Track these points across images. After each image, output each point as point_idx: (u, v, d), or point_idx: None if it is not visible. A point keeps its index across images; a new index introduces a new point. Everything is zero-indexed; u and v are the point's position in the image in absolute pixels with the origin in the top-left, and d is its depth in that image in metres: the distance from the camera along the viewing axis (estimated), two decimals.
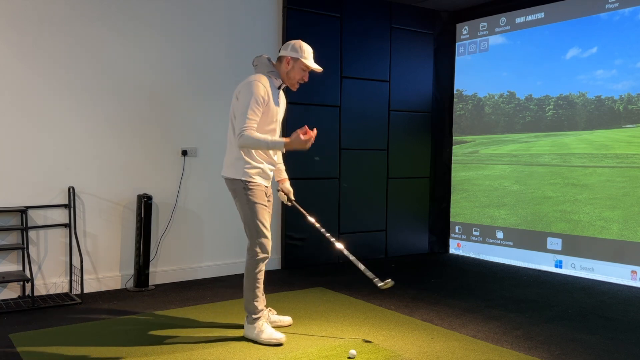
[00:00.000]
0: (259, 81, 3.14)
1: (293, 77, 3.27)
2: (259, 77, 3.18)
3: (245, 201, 3.23)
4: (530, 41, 5.70)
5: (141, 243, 4.54)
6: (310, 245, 5.51)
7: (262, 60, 3.29)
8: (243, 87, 3.17)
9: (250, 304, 3.29)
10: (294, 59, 3.23)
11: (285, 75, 3.28)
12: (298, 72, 3.26)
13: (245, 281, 3.31)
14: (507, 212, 5.87)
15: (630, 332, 3.59)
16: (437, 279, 5.10)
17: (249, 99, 3.08)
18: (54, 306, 4.00)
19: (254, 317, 3.30)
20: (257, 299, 3.29)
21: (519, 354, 3.16)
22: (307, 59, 3.24)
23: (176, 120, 4.84)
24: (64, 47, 4.29)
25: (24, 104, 4.16)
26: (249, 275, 3.29)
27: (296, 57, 3.23)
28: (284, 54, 3.26)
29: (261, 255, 3.27)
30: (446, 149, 6.50)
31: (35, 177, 4.22)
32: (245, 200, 3.23)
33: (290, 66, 3.24)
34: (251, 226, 3.26)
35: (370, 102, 5.90)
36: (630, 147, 4.96)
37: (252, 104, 3.08)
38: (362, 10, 5.78)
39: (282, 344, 3.25)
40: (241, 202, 3.25)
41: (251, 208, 3.23)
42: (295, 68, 3.24)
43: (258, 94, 3.10)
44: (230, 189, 3.31)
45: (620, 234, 4.94)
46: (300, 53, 3.23)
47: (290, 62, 3.24)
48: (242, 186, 3.23)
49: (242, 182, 3.22)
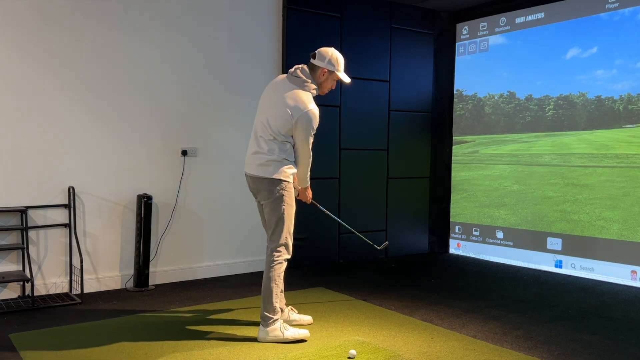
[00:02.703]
0: (316, 111, 3.30)
1: (325, 87, 3.45)
2: (313, 104, 3.32)
3: (283, 201, 3.31)
4: (530, 41, 5.70)
5: (141, 243, 4.54)
6: (310, 245, 5.51)
7: (304, 72, 3.37)
8: (302, 114, 3.26)
9: (270, 305, 3.30)
10: (330, 72, 3.39)
11: (317, 84, 3.41)
12: (330, 82, 3.44)
13: (269, 282, 3.32)
14: (507, 212, 5.87)
15: (630, 332, 3.59)
16: (437, 279, 5.10)
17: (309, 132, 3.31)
18: (54, 306, 4.00)
19: (274, 319, 3.30)
20: (277, 299, 3.32)
21: (519, 354, 3.16)
22: (341, 72, 3.41)
23: (176, 120, 4.84)
24: (64, 47, 4.29)
25: (24, 104, 4.16)
26: (273, 275, 3.32)
27: (332, 70, 3.38)
28: (321, 65, 3.36)
29: (287, 255, 3.37)
30: (446, 149, 6.50)
31: (35, 177, 4.22)
32: (282, 200, 3.31)
33: (325, 77, 3.40)
34: (282, 227, 3.33)
35: (370, 102, 5.89)
36: (630, 147, 4.96)
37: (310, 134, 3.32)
38: (362, 10, 5.78)
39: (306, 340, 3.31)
40: (277, 202, 3.31)
41: (287, 209, 3.33)
42: (329, 79, 3.42)
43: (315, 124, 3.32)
44: (264, 189, 3.33)
45: (620, 234, 4.94)
46: (336, 67, 3.39)
47: (325, 74, 3.39)
48: (282, 187, 3.30)
49: (281, 183, 3.30)
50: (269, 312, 3.30)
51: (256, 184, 3.37)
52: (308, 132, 3.29)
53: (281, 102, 3.28)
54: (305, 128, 3.27)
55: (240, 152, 5.08)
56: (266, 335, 3.29)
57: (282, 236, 3.32)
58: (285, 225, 3.32)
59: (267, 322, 3.30)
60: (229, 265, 5.14)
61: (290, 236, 3.36)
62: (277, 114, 3.28)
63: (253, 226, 5.19)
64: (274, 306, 3.30)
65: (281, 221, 3.31)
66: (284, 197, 3.30)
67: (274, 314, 3.30)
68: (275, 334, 3.28)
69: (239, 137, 5.12)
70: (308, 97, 3.32)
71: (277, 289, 3.32)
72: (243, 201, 5.09)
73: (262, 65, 5.27)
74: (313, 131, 3.32)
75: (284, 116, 3.26)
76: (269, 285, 3.31)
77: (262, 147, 3.32)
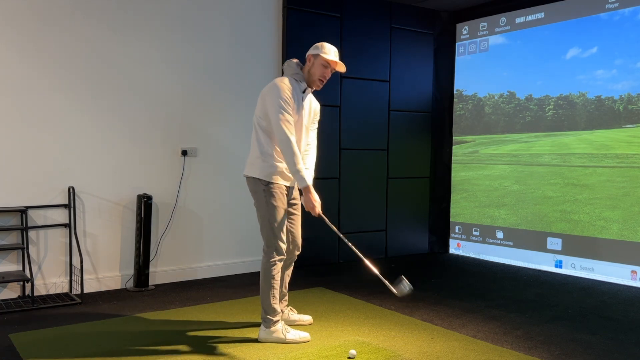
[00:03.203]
0: (282, 82, 3.18)
1: (314, 74, 3.27)
2: (282, 79, 3.22)
3: (264, 202, 3.22)
4: (530, 41, 5.70)
5: (141, 243, 4.54)
6: (311, 245, 5.50)
7: (290, 64, 3.32)
8: (268, 90, 3.19)
9: (268, 306, 3.29)
10: (314, 55, 3.27)
11: (307, 74, 3.30)
12: (318, 68, 3.26)
13: (262, 282, 3.31)
14: (507, 212, 5.87)
15: (630, 332, 3.59)
16: (437, 279, 5.10)
17: (278, 104, 3.11)
18: (54, 306, 4.00)
19: (273, 320, 3.29)
20: (274, 300, 3.29)
21: (519, 354, 3.16)
22: (326, 54, 3.25)
23: (176, 120, 4.84)
24: (64, 47, 4.29)
25: (24, 104, 4.16)
26: (265, 276, 3.29)
27: (316, 54, 3.26)
28: (307, 54, 3.31)
29: (276, 257, 3.27)
30: (446, 149, 6.50)
31: (35, 177, 4.22)
32: (263, 201, 3.22)
33: (311, 63, 3.28)
34: (267, 228, 3.24)
35: (370, 102, 5.90)
36: (630, 147, 4.96)
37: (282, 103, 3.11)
38: (362, 10, 5.78)
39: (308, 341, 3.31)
40: (259, 202, 3.24)
41: (269, 210, 3.22)
42: (316, 64, 3.26)
43: (283, 94, 3.13)
44: (250, 189, 3.30)
45: (620, 234, 4.94)
46: (321, 49, 3.26)
47: (311, 59, 3.29)
48: (262, 187, 3.21)
49: (261, 182, 3.21)
50: (269, 314, 3.30)
51: (247, 183, 3.34)
52: (277, 104, 3.10)
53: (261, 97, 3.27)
54: (272, 99, 3.11)
55: (241, 152, 5.08)
56: (267, 336, 3.29)
57: (268, 237, 3.26)
58: (269, 227, 3.23)
59: (267, 323, 3.30)
60: (229, 265, 5.14)
61: (276, 237, 3.24)
62: (258, 110, 3.26)
63: (253, 226, 5.18)
64: (272, 307, 3.29)
65: (265, 222, 3.24)
66: (265, 198, 3.21)
67: (273, 315, 3.30)
68: (276, 336, 3.28)
69: (239, 137, 5.13)
70: (281, 78, 3.24)
71: (272, 290, 3.28)
72: (243, 201, 5.09)
73: (262, 65, 5.27)
74: (285, 105, 3.11)
75: (260, 107, 3.23)
76: (263, 287, 3.30)
77: (251, 144, 3.32)
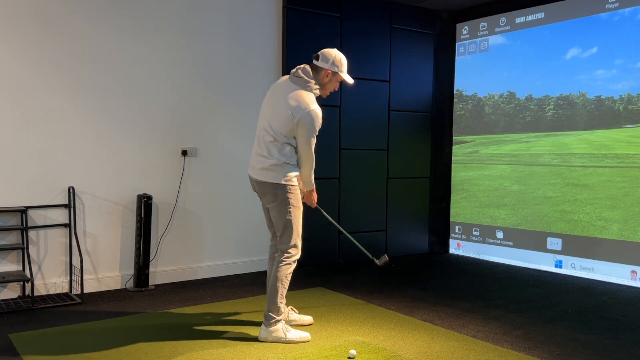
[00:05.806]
0: (318, 110, 3.25)
1: (328, 89, 3.42)
2: (315, 102, 3.27)
3: (290, 205, 3.31)
4: (530, 41, 5.70)
5: (141, 243, 4.54)
6: (311, 246, 5.50)
7: (305, 72, 3.33)
8: (304, 116, 3.20)
9: (275, 305, 3.30)
10: (333, 73, 3.36)
11: (320, 84, 3.39)
12: (334, 83, 3.41)
13: (275, 282, 3.32)
14: (507, 212, 5.87)
15: (630, 332, 3.59)
16: (437, 279, 5.10)
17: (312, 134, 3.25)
18: (54, 306, 4.00)
19: (276, 319, 3.30)
20: (282, 300, 3.33)
21: (519, 354, 3.16)
22: (344, 72, 3.39)
23: (176, 120, 4.84)
24: (64, 47, 4.29)
25: (24, 104, 4.16)
26: (282, 276, 3.32)
27: (335, 72, 3.36)
28: (324, 67, 3.33)
29: (297, 256, 3.38)
30: (446, 149, 6.50)
31: (35, 177, 4.22)
32: (288, 203, 3.31)
33: (329, 79, 3.37)
34: (291, 229, 3.33)
35: (370, 102, 5.89)
36: (630, 147, 4.96)
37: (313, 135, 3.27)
38: (362, 10, 5.78)
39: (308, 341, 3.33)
40: (284, 205, 3.31)
41: (294, 212, 3.33)
42: (333, 81, 3.39)
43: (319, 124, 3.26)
44: (269, 193, 3.33)
45: (620, 234, 4.94)
46: (340, 67, 3.36)
47: (329, 75, 3.36)
48: (286, 190, 3.29)
49: (285, 187, 3.29)
50: (273, 312, 3.31)
51: (261, 187, 3.37)
52: (310, 134, 3.25)
53: (283, 103, 3.25)
54: (307, 129, 3.23)
55: (240, 152, 5.08)
56: (268, 335, 3.29)
57: (292, 238, 3.33)
58: (293, 228, 3.33)
59: (269, 321, 3.30)
60: (229, 265, 5.14)
61: (299, 237, 3.37)
62: (278, 116, 3.27)
63: (253, 226, 5.20)
64: (277, 306, 3.30)
65: (289, 224, 3.32)
66: (289, 200, 3.30)
67: (277, 315, 3.31)
68: (277, 335, 3.29)
69: (239, 137, 5.13)
70: (310, 97, 3.27)
71: (283, 289, 3.32)
72: (243, 201, 5.09)
73: (262, 65, 5.27)
74: (316, 132, 3.27)
75: (285, 117, 3.24)
76: (275, 285, 3.31)
77: (263, 149, 3.32)
